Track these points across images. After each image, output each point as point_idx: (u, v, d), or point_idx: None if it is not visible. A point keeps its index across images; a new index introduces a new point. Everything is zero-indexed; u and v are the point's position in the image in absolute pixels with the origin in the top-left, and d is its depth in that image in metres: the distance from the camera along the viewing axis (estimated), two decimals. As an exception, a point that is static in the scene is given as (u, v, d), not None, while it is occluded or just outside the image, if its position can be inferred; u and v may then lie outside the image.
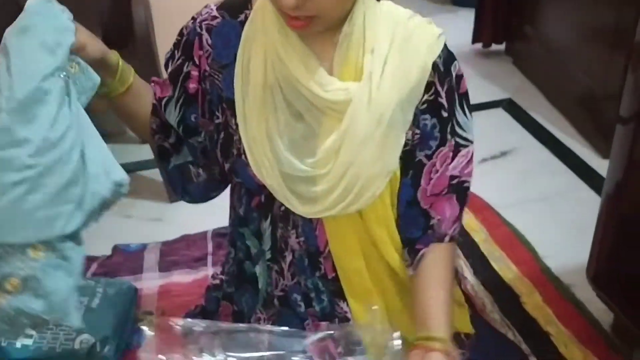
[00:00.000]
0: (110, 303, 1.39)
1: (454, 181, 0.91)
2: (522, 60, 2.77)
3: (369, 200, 0.88)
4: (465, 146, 0.91)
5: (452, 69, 0.89)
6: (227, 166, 0.94)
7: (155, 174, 2.11)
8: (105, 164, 0.83)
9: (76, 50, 0.80)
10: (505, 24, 2.79)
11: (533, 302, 1.50)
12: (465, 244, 1.70)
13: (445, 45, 0.88)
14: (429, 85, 0.87)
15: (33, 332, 1.27)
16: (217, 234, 1.74)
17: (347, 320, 0.98)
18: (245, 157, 0.89)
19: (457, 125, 0.90)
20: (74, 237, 0.82)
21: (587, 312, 1.46)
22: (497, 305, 1.49)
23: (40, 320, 0.81)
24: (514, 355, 1.21)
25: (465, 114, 0.90)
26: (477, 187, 1.89)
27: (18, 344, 1.25)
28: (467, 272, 1.59)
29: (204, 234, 1.76)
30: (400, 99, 0.85)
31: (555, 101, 2.46)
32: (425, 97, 0.88)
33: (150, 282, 1.60)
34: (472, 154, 0.92)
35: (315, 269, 0.97)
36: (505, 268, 1.61)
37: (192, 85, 0.93)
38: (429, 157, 0.90)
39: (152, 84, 0.98)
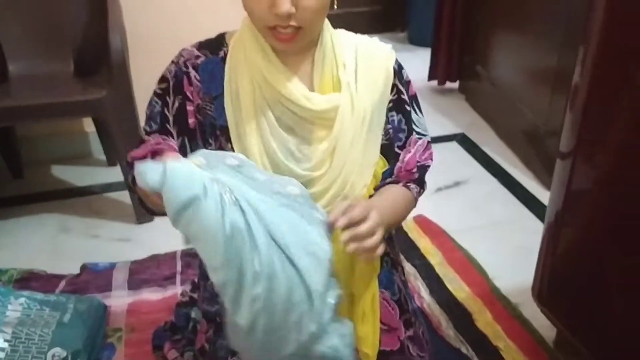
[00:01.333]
0: (81, 318, 1.40)
1: (418, 165, 1.05)
2: (473, 97, 2.90)
3: (360, 192, 1.00)
4: (421, 138, 1.06)
5: (404, 73, 1.05)
6: None
7: (122, 195, 2.13)
8: None
9: None
10: (459, 64, 2.94)
11: (484, 319, 1.58)
12: (422, 266, 1.78)
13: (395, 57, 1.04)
14: (392, 87, 1.02)
15: (5, 345, 1.29)
16: (187, 254, 1.76)
17: None
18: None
19: (413, 123, 1.05)
20: None
21: (532, 328, 1.55)
22: (451, 323, 1.56)
23: None
24: (468, 367, 1.28)
25: (417, 113, 1.05)
26: (433, 214, 2.01)
27: (-10, 357, 1.26)
28: (424, 292, 1.68)
29: (173, 254, 1.79)
30: (374, 103, 0.99)
31: (504, 136, 2.58)
32: (390, 97, 1.02)
33: (119, 299, 1.61)
34: (428, 143, 1.07)
35: None
36: (459, 288, 1.70)
37: (191, 120, 1.00)
38: (401, 148, 1.04)
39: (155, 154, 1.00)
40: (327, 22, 0.98)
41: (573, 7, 1.96)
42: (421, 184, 1.08)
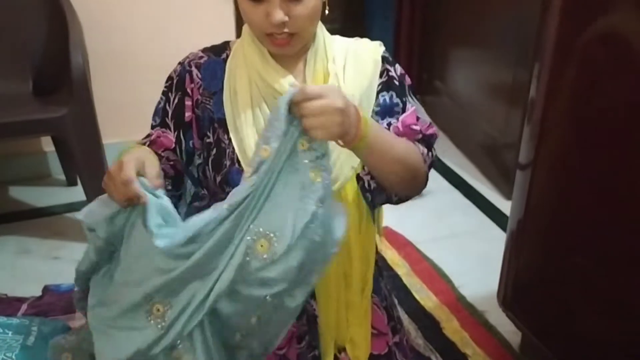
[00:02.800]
0: (45, 341, 1.36)
1: (417, 128, 1.05)
2: (433, 111, 2.93)
3: (349, 173, 1.03)
4: (420, 119, 1.07)
5: (397, 65, 1.09)
6: (218, 179, 1.04)
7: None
8: None
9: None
10: (418, 79, 3.00)
11: (451, 327, 1.62)
12: (390, 277, 1.80)
13: (384, 50, 1.09)
14: (382, 73, 1.07)
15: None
16: (152, 272, 1.75)
17: (315, 317, 1.07)
18: (239, 163, 1.01)
19: (409, 102, 1.08)
20: None
21: (498, 334, 1.60)
22: (420, 332, 1.60)
23: None
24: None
25: (414, 100, 1.09)
26: (398, 225, 2.05)
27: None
28: (392, 303, 1.71)
29: (138, 273, 1.77)
30: (362, 89, 1.04)
31: (464, 149, 2.65)
32: (380, 80, 1.06)
33: (83, 321, 1.57)
34: (430, 124, 1.07)
35: None
36: (426, 298, 1.73)
37: (187, 114, 1.06)
38: (398, 120, 1.05)
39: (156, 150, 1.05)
40: (321, 25, 1.06)
41: (525, 25, 2.05)
42: (429, 149, 1.07)
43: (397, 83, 1.07)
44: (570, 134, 1.27)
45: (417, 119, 1.06)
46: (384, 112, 1.06)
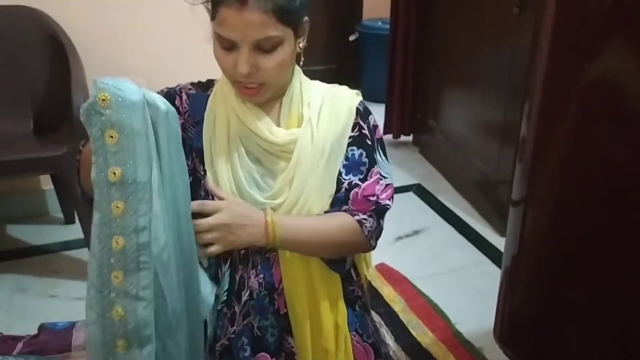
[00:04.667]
0: (41, 380, 1.36)
1: (376, 199, 1.07)
2: (427, 150, 3.02)
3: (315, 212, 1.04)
4: (382, 179, 1.09)
5: (370, 118, 1.10)
6: None
7: (80, 253, 2.09)
8: None
9: None
10: (412, 118, 3.07)
11: (449, 364, 1.61)
12: (386, 313, 1.81)
13: (361, 100, 1.11)
14: (354, 126, 1.08)
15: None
16: (149, 309, 1.74)
17: (293, 354, 1.07)
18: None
19: (376, 161, 1.09)
20: None
21: (496, 371, 1.59)
22: (417, 369, 1.59)
23: None
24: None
25: (381, 156, 1.10)
26: (395, 262, 2.06)
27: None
28: (389, 339, 1.70)
29: (135, 311, 1.76)
30: (335, 136, 1.05)
31: (457, 186, 2.69)
32: (352, 134, 1.08)
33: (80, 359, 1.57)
34: (388, 185, 1.09)
35: (271, 304, 1.07)
36: (423, 334, 1.73)
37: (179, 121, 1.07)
38: (363, 180, 1.07)
39: None
40: (297, 70, 1.08)
41: (515, 66, 2.11)
42: (378, 220, 1.09)
43: (368, 142, 1.09)
44: (560, 172, 1.30)
45: (378, 181, 1.08)
46: (350, 167, 1.08)
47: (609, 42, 1.14)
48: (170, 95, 1.09)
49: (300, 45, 1.02)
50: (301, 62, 1.06)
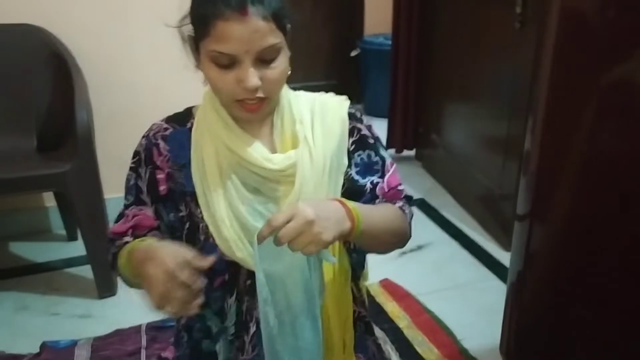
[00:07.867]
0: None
1: (401, 187, 1.06)
2: (430, 164, 3.02)
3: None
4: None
5: (363, 117, 1.08)
6: None
7: (83, 270, 2.08)
8: None
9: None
10: (414, 133, 3.07)
11: (455, 381, 1.60)
12: (391, 330, 1.79)
13: (350, 104, 1.08)
14: (351, 131, 1.05)
15: None
16: (152, 327, 1.73)
17: None
18: (213, 239, 0.98)
19: (387, 159, 1.07)
20: None
21: (502, 387, 1.57)
22: (423, 386, 1.58)
23: None
24: None
25: (385, 151, 1.08)
26: (399, 277, 2.04)
27: None
28: (394, 356, 1.68)
29: (137, 328, 1.75)
30: (332, 150, 1.01)
31: (461, 200, 2.68)
32: (351, 140, 1.05)
33: (81, 378, 1.56)
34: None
35: None
36: (428, 351, 1.71)
37: (162, 188, 1.03)
38: (382, 177, 1.05)
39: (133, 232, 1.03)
40: (285, 86, 1.03)
41: (518, 79, 2.11)
42: (408, 202, 1.07)
43: (371, 141, 1.06)
44: (567, 186, 1.29)
45: (396, 173, 1.07)
46: (365, 171, 1.05)
47: (613, 56, 1.14)
48: (148, 150, 1.03)
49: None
50: (288, 72, 1.00)
